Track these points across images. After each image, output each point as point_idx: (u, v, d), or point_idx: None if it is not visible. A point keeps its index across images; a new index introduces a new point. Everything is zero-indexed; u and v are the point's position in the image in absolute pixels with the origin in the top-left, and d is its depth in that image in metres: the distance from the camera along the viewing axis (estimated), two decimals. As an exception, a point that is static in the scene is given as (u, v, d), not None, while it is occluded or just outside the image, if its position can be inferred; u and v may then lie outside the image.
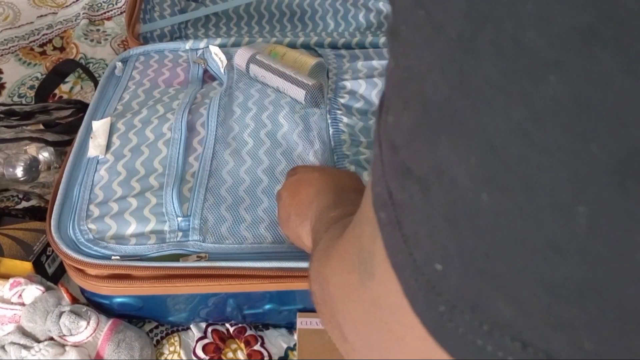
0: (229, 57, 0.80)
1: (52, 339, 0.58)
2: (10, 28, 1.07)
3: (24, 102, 0.93)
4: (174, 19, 0.94)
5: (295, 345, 0.61)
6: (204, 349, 0.60)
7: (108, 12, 1.13)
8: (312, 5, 0.98)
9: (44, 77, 0.93)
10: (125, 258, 0.56)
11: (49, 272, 0.66)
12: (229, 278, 0.55)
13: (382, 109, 0.19)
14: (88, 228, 0.58)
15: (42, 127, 0.78)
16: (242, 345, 0.61)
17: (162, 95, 0.75)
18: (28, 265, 0.63)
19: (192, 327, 0.63)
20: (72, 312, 0.57)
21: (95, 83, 0.89)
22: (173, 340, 0.62)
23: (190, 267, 0.55)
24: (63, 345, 0.57)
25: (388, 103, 0.18)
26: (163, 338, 0.62)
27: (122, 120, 0.70)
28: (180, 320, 0.63)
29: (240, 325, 0.62)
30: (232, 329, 0.63)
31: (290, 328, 0.63)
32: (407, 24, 0.15)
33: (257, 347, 0.61)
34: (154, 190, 0.61)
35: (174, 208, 0.59)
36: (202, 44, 0.84)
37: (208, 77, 0.82)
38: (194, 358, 0.60)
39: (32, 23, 1.09)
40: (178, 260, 0.56)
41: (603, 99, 0.11)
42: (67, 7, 1.13)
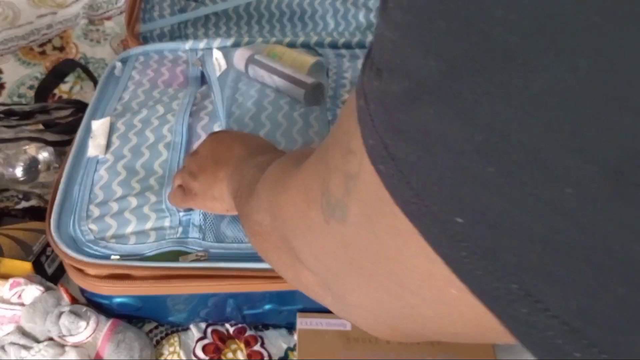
0: (229, 60, 0.80)
1: (51, 339, 0.57)
2: (10, 28, 1.07)
3: (24, 101, 0.92)
4: (174, 19, 0.94)
5: (295, 346, 0.61)
6: (204, 349, 0.60)
7: (108, 11, 1.13)
8: (312, 5, 0.98)
9: (44, 77, 0.93)
10: (125, 257, 0.56)
11: (49, 272, 0.66)
12: (229, 278, 0.55)
13: (367, 64, 0.20)
14: (89, 228, 0.58)
15: (41, 127, 0.78)
16: (242, 346, 0.61)
17: (161, 96, 0.75)
18: (28, 266, 0.63)
19: (191, 327, 0.62)
20: (71, 312, 0.57)
21: (95, 83, 0.89)
22: (173, 341, 0.62)
23: (190, 267, 0.55)
24: (63, 346, 0.57)
25: (374, 63, 0.19)
26: (163, 338, 0.62)
27: (121, 120, 0.70)
28: (180, 321, 0.63)
29: (240, 326, 0.62)
30: (232, 329, 0.62)
31: (290, 328, 0.63)
32: (393, 2, 0.17)
33: (257, 347, 0.61)
34: (155, 190, 0.61)
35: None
36: (202, 44, 0.84)
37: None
38: (194, 358, 0.60)
39: (31, 23, 1.08)
40: (177, 260, 0.56)
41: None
42: (67, 7, 1.13)
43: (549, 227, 0.15)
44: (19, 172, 0.71)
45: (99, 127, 0.68)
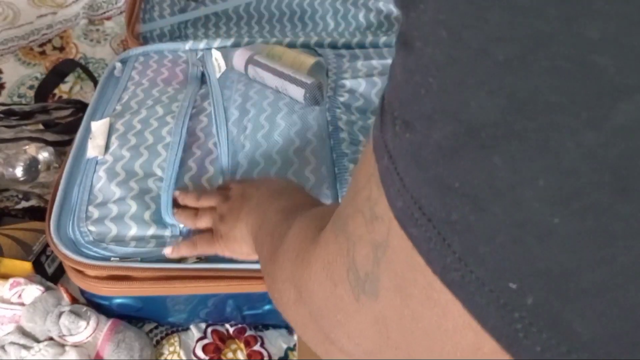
0: (228, 60, 0.80)
1: (51, 339, 0.58)
2: (10, 28, 1.07)
3: (24, 102, 0.92)
4: (174, 19, 0.94)
5: (295, 346, 0.61)
6: (204, 349, 0.60)
7: (108, 11, 1.13)
8: (312, 5, 0.98)
9: (44, 77, 0.93)
10: (125, 259, 0.56)
11: (49, 272, 0.66)
12: (229, 279, 0.55)
13: (385, 120, 0.18)
14: (88, 230, 0.58)
15: (41, 127, 0.78)
16: (242, 346, 0.61)
17: (161, 95, 0.74)
18: (28, 265, 0.63)
19: (191, 327, 0.63)
20: (71, 312, 0.57)
21: (95, 83, 0.89)
22: (173, 341, 0.62)
23: (190, 268, 0.55)
24: (63, 345, 0.57)
25: (398, 116, 0.17)
26: (163, 338, 0.62)
27: (121, 121, 0.70)
28: (180, 321, 0.63)
29: (240, 326, 0.62)
30: (231, 330, 0.63)
31: (290, 328, 0.63)
32: (423, 40, 0.15)
33: (256, 347, 0.61)
34: (153, 197, 0.61)
35: (170, 217, 0.59)
36: (201, 45, 0.84)
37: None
38: (194, 358, 0.60)
39: (31, 23, 1.09)
40: (178, 261, 0.56)
41: None
42: (66, 7, 1.13)
43: (633, 291, 0.12)
44: (19, 172, 0.71)
45: (99, 128, 0.68)
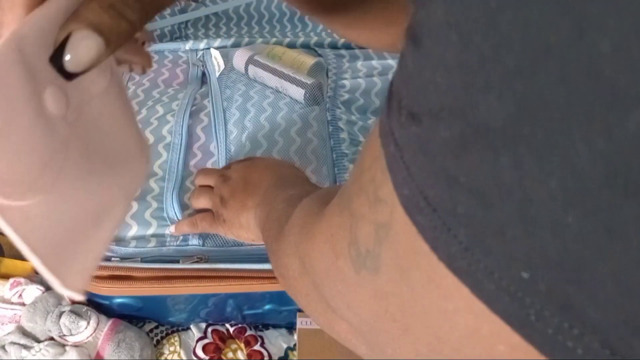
0: (228, 60, 0.80)
1: (52, 339, 0.58)
2: (11, 28, 1.07)
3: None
4: (174, 19, 0.94)
5: (295, 345, 0.61)
6: (204, 349, 0.60)
7: (108, 12, 1.13)
8: (312, 5, 0.98)
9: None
10: (125, 259, 0.56)
11: (49, 272, 0.66)
12: (229, 279, 0.55)
13: (392, 108, 0.19)
14: (88, 229, 0.58)
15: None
16: (242, 345, 0.61)
17: (161, 95, 0.75)
18: (28, 265, 0.63)
19: (192, 327, 0.63)
20: (72, 312, 0.58)
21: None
22: (173, 340, 0.62)
23: (190, 268, 0.55)
24: (63, 345, 0.57)
25: (405, 107, 0.18)
26: (163, 338, 0.62)
27: (122, 121, 0.70)
28: (180, 321, 0.63)
29: (240, 326, 0.63)
30: (232, 329, 0.63)
31: (290, 328, 0.63)
32: (432, 39, 0.16)
33: (257, 347, 0.61)
34: (155, 195, 0.61)
35: (175, 213, 0.59)
36: (202, 45, 0.84)
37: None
38: (194, 358, 0.60)
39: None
40: (178, 261, 0.56)
41: None
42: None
43: None
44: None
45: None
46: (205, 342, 0.61)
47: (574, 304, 0.14)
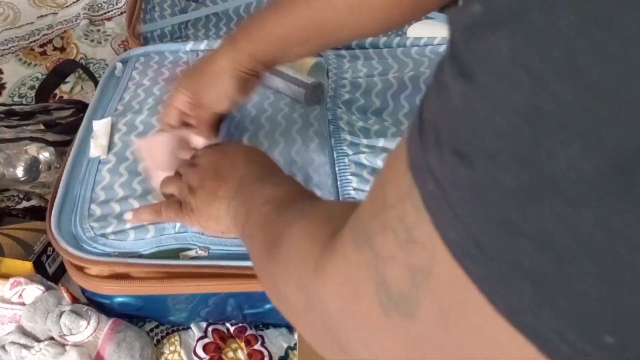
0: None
1: (52, 339, 0.58)
2: (11, 28, 1.07)
3: (25, 102, 0.93)
4: (175, 19, 0.94)
5: (296, 345, 0.61)
6: (205, 349, 0.60)
7: (108, 12, 1.13)
8: (312, 6, 0.98)
9: (45, 77, 0.93)
10: (125, 255, 0.56)
11: (50, 271, 0.66)
12: (229, 278, 0.55)
13: (428, 140, 0.18)
14: (90, 226, 0.58)
15: (42, 127, 0.78)
16: (242, 345, 0.61)
17: (162, 95, 0.75)
18: (28, 265, 0.63)
19: (192, 326, 0.63)
20: (72, 311, 0.58)
21: (96, 83, 0.89)
22: (173, 340, 0.62)
23: (191, 265, 0.55)
24: (63, 345, 0.57)
25: (447, 143, 0.17)
26: (163, 337, 0.62)
27: (123, 121, 0.70)
28: (181, 320, 0.63)
29: (241, 325, 0.63)
30: (232, 329, 0.63)
31: (291, 327, 0.63)
32: (493, 78, 0.15)
33: (257, 346, 0.61)
34: (156, 194, 0.61)
35: None
36: (202, 46, 0.84)
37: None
38: (195, 357, 0.60)
39: (32, 23, 1.09)
40: (178, 256, 0.56)
41: None
42: (67, 7, 1.13)
43: None
44: (20, 172, 0.71)
45: (101, 127, 0.68)
46: (206, 341, 0.61)
47: None
